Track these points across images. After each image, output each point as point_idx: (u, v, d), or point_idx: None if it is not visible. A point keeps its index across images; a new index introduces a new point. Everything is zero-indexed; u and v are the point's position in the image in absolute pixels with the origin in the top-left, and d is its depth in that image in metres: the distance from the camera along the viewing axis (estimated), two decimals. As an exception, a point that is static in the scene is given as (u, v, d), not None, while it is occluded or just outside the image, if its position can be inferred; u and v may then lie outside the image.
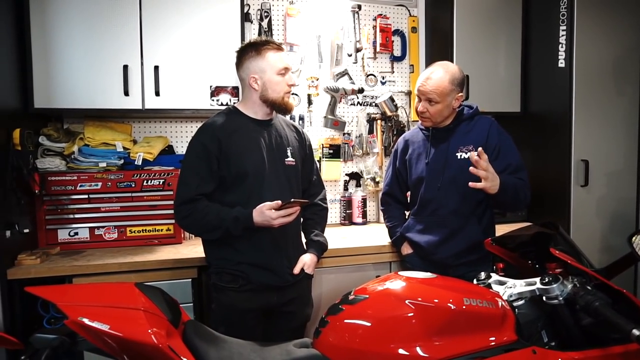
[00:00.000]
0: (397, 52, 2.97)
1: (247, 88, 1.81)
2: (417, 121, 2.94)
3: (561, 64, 2.56)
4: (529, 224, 2.77)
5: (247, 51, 1.79)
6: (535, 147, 2.78)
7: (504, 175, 1.80)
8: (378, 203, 2.93)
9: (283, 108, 1.82)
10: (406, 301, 1.24)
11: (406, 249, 2.10)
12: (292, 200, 1.64)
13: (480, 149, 1.68)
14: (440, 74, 1.89)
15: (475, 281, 1.55)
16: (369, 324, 1.25)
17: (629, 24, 2.63)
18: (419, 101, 1.96)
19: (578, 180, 2.57)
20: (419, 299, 1.25)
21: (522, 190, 1.85)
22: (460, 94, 1.94)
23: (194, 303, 2.03)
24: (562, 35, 2.54)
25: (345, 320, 1.27)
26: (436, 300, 1.24)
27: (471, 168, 1.67)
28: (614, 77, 2.61)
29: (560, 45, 2.56)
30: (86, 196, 2.21)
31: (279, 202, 1.63)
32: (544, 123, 2.72)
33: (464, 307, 1.23)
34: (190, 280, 2.02)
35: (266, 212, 1.63)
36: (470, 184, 1.69)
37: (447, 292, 1.27)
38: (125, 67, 2.20)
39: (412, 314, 1.22)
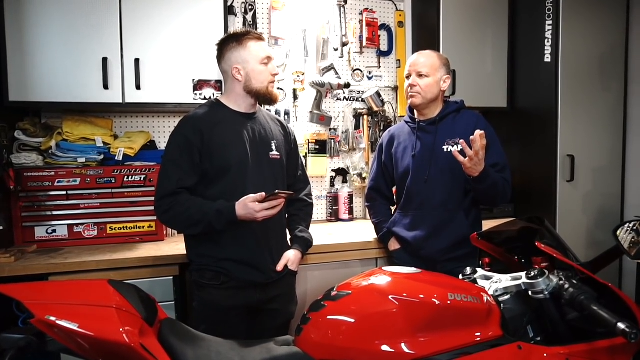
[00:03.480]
0: (384, 46, 2.95)
1: (230, 80, 1.77)
2: (404, 116, 2.96)
3: (547, 58, 2.55)
4: (515, 219, 2.78)
5: (228, 42, 1.75)
6: (521, 143, 2.78)
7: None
8: (364, 199, 2.90)
9: (268, 98, 1.79)
10: (390, 297, 1.21)
11: (394, 245, 2.08)
12: (277, 192, 1.59)
13: (482, 132, 1.69)
14: (431, 53, 2.00)
15: (461, 276, 1.53)
16: (352, 321, 1.21)
17: (614, 20, 2.64)
18: (408, 80, 1.99)
19: (564, 175, 2.57)
20: (403, 294, 1.22)
21: (503, 185, 1.84)
22: (448, 76, 1.98)
23: (175, 301, 1.98)
24: (548, 30, 2.54)
25: (328, 317, 1.24)
26: (421, 296, 1.21)
27: (462, 141, 1.70)
28: (599, 72, 2.62)
29: (546, 40, 2.55)
30: (64, 192, 2.15)
31: (263, 194, 1.59)
32: (531, 118, 2.71)
33: (448, 302, 1.20)
34: (171, 278, 1.97)
35: (249, 205, 1.59)
36: (453, 151, 1.76)
37: (431, 288, 1.25)
38: (105, 60, 2.14)
39: (396, 310, 1.19)
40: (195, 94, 2.29)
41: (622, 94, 2.68)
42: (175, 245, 2.14)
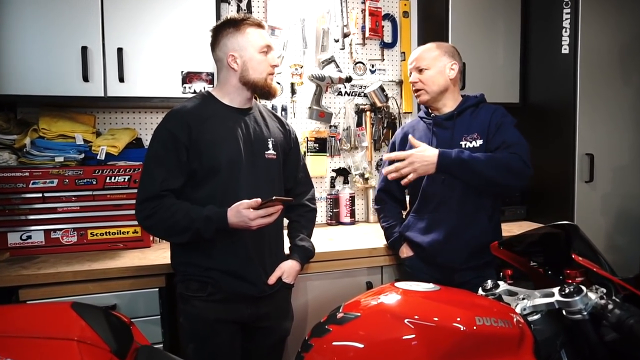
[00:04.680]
0: (388, 38, 2.76)
1: (225, 69, 1.59)
2: (409, 113, 2.79)
3: (565, 50, 2.37)
4: (528, 222, 2.62)
5: (225, 28, 1.57)
6: (535, 141, 2.55)
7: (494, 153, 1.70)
8: (367, 201, 2.73)
9: (266, 91, 1.60)
10: (405, 320, 1.03)
11: (406, 251, 1.90)
12: (274, 198, 1.40)
13: (410, 137, 1.71)
14: (428, 45, 1.88)
15: (480, 291, 1.36)
16: (361, 347, 1.03)
17: (636, 9, 2.46)
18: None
19: (582, 175, 2.39)
20: (422, 317, 1.04)
21: (503, 161, 1.64)
22: (454, 62, 1.82)
23: (162, 316, 1.79)
24: (566, 19, 2.36)
25: (333, 343, 1.06)
26: (443, 320, 1.03)
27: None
28: (620, 65, 2.44)
29: (564, 30, 2.37)
30: (40, 195, 1.95)
31: (259, 200, 1.41)
32: (545, 114, 2.53)
33: (474, 327, 1.02)
34: (157, 289, 1.79)
35: (243, 212, 1.41)
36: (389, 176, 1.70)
37: (454, 309, 1.07)
38: (84, 49, 1.95)
39: (413, 336, 1.01)
40: (185, 87, 2.10)
41: (643, 89, 2.50)
42: (162, 253, 1.95)
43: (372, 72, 2.74)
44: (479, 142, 1.75)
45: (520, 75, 2.62)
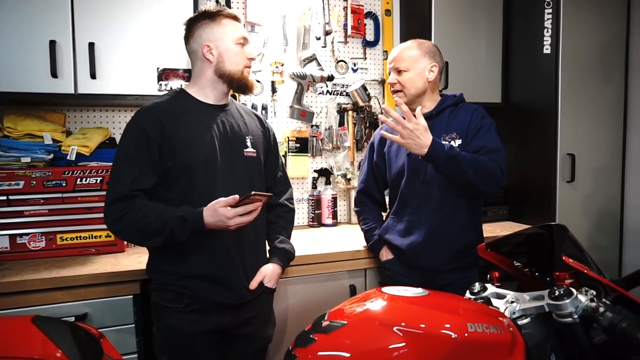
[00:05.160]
0: (370, 36, 2.72)
1: (200, 60, 1.51)
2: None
3: (546, 50, 2.37)
4: (510, 223, 2.61)
5: (200, 19, 1.50)
6: (517, 141, 2.59)
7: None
8: (349, 202, 2.68)
9: (243, 84, 1.54)
10: (394, 328, 0.98)
11: (386, 254, 1.85)
12: (253, 193, 1.32)
13: (418, 110, 1.55)
14: (409, 43, 1.81)
15: (468, 294, 1.32)
16: (348, 356, 0.98)
17: (615, 8, 2.48)
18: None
19: (564, 175, 2.39)
20: (412, 325, 0.99)
21: (479, 164, 1.60)
22: (434, 65, 1.76)
23: (136, 324, 1.70)
24: (548, 19, 2.36)
25: (319, 353, 1.00)
26: (432, 326, 0.99)
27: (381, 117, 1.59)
28: (600, 65, 2.46)
29: (545, 30, 2.37)
30: (4, 197, 1.84)
31: (236, 196, 1.33)
32: (527, 114, 2.53)
33: (466, 334, 0.98)
34: (131, 296, 1.70)
35: (220, 210, 1.33)
36: (382, 131, 1.58)
37: (445, 316, 1.02)
38: (53, 43, 1.84)
39: (402, 344, 0.96)
40: (161, 85, 2.02)
41: (622, 89, 2.53)
42: (136, 258, 1.86)
43: (354, 70, 2.69)
44: (458, 141, 1.72)
45: (502, 75, 2.61)
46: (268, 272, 1.56)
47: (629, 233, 2.55)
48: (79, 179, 1.92)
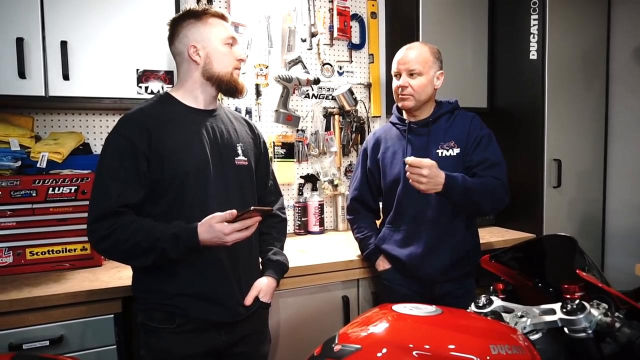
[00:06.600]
0: (356, 39, 2.66)
1: (186, 62, 1.41)
2: (378, 117, 2.70)
3: (533, 55, 2.38)
4: (498, 228, 2.60)
5: (185, 19, 1.41)
6: (503, 146, 2.54)
7: (475, 169, 1.64)
8: (336, 209, 2.61)
9: (232, 87, 1.44)
10: (414, 352, 0.92)
11: (383, 264, 1.80)
12: (252, 208, 1.24)
13: (411, 159, 1.47)
14: (421, 45, 1.74)
15: (473, 307, 1.27)
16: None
17: (597, 15, 2.52)
18: (397, 79, 1.73)
19: (550, 181, 2.40)
20: (432, 348, 0.92)
21: (488, 187, 1.60)
22: (441, 72, 1.73)
23: (118, 345, 1.58)
24: (534, 25, 2.36)
25: (332, 382, 0.93)
26: (456, 350, 0.93)
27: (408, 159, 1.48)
28: (583, 71, 2.48)
29: (531, 36, 2.37)
30: (-33, 209, 1.68)
31: (234, 212, 1.24)
32: (513, 120, 2.53)
33: (488, 357, 0.93)
34: (112, 316, 1.57)
35: (216, 227, 1.23)
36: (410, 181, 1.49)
37: (466, 338, 0.96)
38: (20, 41, 1.69)
39: (422, 370, 0.90)
40: (140, 87, 1.89)
41: (603, 95, 2.57)
42: (116, 273, 1.73)
43: (340, 74, 2.63)
44: (456, 150, 1.69)
45: (488, 80, 2.61)
46: (263, 287, 1.48)
47: (610, 237, 2.59)
48: (51, 189, 1.77)
